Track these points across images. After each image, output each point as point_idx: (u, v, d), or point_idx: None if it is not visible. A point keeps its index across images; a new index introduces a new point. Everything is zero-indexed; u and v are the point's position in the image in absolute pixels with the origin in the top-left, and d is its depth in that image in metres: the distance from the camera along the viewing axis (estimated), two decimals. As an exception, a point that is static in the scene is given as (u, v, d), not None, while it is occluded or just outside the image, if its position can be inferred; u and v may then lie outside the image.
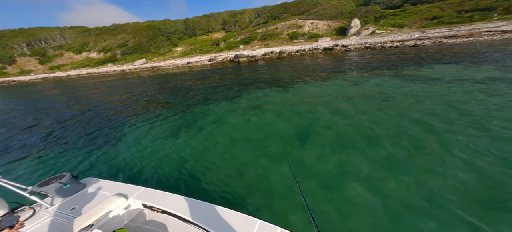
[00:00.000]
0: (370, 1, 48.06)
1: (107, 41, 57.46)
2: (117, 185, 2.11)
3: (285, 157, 3.17)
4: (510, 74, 6.30)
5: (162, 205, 1.70)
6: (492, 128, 3.41)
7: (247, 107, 6.04)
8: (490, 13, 23.17)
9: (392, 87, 6.43)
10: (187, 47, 46.17)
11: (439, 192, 2.29)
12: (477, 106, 4.33)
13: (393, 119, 4.12)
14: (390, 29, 28.03)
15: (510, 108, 4.04)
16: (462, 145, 3.04)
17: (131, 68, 37.39)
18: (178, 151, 3.91)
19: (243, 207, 2.39)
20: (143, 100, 9.39)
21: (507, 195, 2.16)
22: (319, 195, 2.43)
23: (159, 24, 55.64)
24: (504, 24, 18.33)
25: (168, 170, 3.32)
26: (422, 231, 1.92)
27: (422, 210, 2.11)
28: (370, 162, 2.88)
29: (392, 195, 2.31)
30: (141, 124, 5.78)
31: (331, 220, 2.11)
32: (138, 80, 19.18)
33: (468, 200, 2.17)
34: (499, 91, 4.97)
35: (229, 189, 2.72)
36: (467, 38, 16.46)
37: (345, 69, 11.02)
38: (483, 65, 7.99)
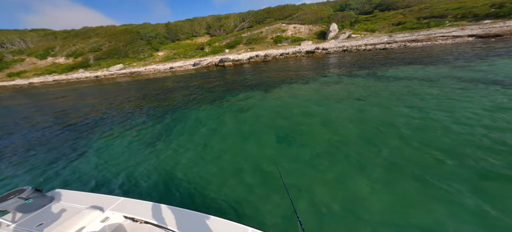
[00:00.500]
0: (345, 7, 52.39)
1: (77, 45, 52.58)
2: (92, 196, 1.94)
3: (273, 160, 3.16)
4: (456, 72, 7.42)
5: (145, 216, 1.60)
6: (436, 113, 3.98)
7: (231, 111, 6.11)
8: (442, 20, 26.94)
9: (366, 86, 7.09)
10: (170, 51, 44.57)
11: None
12: (429, 98, 5.04)
13: (366, 116, 4.55)
14: (363, 33, 30.72)
15: (452, 99, 4.76)
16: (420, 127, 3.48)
17: (106, 74, 34.63)
18: (158, 158, 3.81)
19: (230, 213, 2.33)
20: (119, 107, 8.80)
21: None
22: (305, 197, 2.45)
23: (138, 28, 52.91)
24: (454, 30, 21.47)
25: (148, 179, 3.18)
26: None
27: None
28: (348, 159, 3.11)
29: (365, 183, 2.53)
30: (117, 131, 5.42)
31: (318, 223, 2.10)
32: (114, 87, 17.90)
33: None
34: (447, 86, 5.84)
35: (215, 196, 2.65)
36: (426, 42, 18.87)
37: (326, 71, 11.77)
38: (438, 65, 9.29)
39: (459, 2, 31.76)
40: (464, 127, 3.49)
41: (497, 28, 18.74)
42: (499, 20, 22.41)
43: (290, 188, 2.57)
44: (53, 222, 1.67)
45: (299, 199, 2.42)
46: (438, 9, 30.64)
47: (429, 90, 5.62)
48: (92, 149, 4.36)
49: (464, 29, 21.09)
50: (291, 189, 2.55)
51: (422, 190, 2.33)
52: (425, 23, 27.48)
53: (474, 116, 3.80)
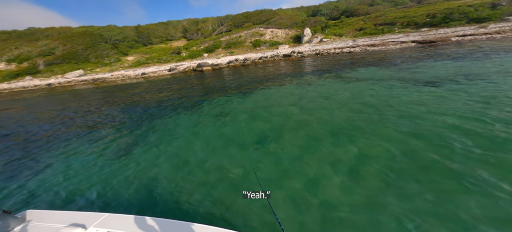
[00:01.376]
0: (317, 12, 57.07)
1: (21, 48, 44.36)
2: (70, 214, 1.81)
3: (251, 165, 3.30)
4: (402, 73, 9.17)
5: (132, 231, 1.54)
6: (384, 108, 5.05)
7: (210, 116, 6.35)
8: (393, 26, 31.88)
9: (332, 88, 8.20)
10: (142, 56, 41.38)
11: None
12: (380, 94, 6.23)
13: (331, 116, 5.35)
14: (333, 37, 34.06)
15: (396, 96, 6.02)
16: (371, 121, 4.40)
17: (61, 82, 30.24)
18: (136, 168, 3.79)
19: (216, 220, 2.38)
20: (83, 118, 8.13)
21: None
22: (282, 197, 2.62)
23: (101, 30, 47.64)
24: (401, 36, 25.69)
25: (127, 191, 3.11)
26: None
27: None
28: (318, 157, 3.48)
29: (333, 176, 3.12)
30: (84, 145, 5.13)
31: (298, 223, 2.24)
32: (73, 96, 16.00)
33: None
34: (395, 85, 7.26)
35: (198, 203, 2.70)
36: (381, 46, 22.14)
37: (300, 74, 12.91)
38: (389, 67, 11.21)
39: (404, 11, 38.06)
40: (403, 118, 4.55)
41: (431, 35, 23.23)
42: (433, 29, 27.76)
43: (269, 189, 2.67)
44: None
45: (277, 200, 2.61)
46: (389, 17, 36.11)
47: (380, 89, 6.92)
48: (57, 166, 4.07)
49: (408, 35, 25.46)
50: (270, 190, 2.91)
51: (385, 180, 2.80)
52: (380, 29, 32.06)
53: (408, 107, 4.93)
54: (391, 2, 56.03)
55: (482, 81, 6.35)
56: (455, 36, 20.42)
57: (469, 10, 29.05)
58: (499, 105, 4.41)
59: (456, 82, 6.62)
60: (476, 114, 4.19)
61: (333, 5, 58.74)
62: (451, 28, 25.82)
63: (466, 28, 23.62)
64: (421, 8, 38.05)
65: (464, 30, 22.42)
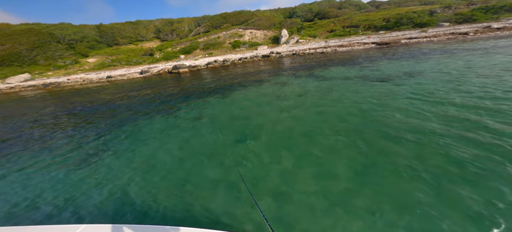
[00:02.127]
0: (293, 14, 60.16)
1: None
2: (44, 229, 1.64)
3: (235, 166, 3.34)
4: (363, 72, 10.69)
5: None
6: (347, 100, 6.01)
7: (187, 118, 6.39)
8: (357, 29, 35.92)
9: (305, 86, 9.10)
10: (106, 58, 37.09)
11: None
12: (345, 91, 7.29)
13: (307, 110, 5.98)
14: (308, 38, 36.50)
15: (359, 91, 7.12)
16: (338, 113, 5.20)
17: (2, 88, 25.13)
18: (105, 176, 3.66)
19: (204, 222, 2.33)
20: (38, 126, 7.31)
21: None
22: (266, 195, 2.70)
23: (51, 28, 40.96)
24: (364, 38, 29.25)
25: (101, 200, 2.99)
26: None
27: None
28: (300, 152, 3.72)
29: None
30: (44, 153, 4.70)
31: (285, 219, 2.31)
32: (18, 104, 13.80)
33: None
34: (357, 82, 8.51)
35: (183, 207, 2.68)
36: (348, 47, 24.85)
37: (278, 73, 13.72)
38: (354, 66, 12.87)
39: (366, 15, 43.21)
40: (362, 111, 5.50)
41: (387, 37, 27.10)
42: (388, 31, 32.37)
43: (253, 187, 2.88)
44: None
45: (262, 197, 2.72)
46: (354, 20, 40.56)
47: (346, 85, 8.05)
48: (14, 179, 3.67)
49: (370, 37, 29.17)
50: (254, 188, 2.86)
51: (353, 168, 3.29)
52: (347, 31, 35.80)
53: (366, 101, 5.95)
54: (356, 6, 62.95)
55: (419, 77, 8.03)
56: (404, 38, 24.32)
57: (414, 16, 34.84)
58: (428, 96, 5.74)
59: (400, 79, 8.20)
60: (410, 103, 5.42)
61: (307, 7, 62.74)
62: (401, 31, 30.57)
63: (412, 32, 28.31)
64: (379, 13, 43.85)
65: (411, 34, 26.87)
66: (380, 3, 65.86)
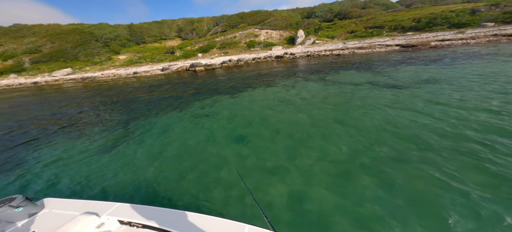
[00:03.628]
0: (311, 15, 59.24)
1: (5, 45, 43.49)
2: (85, 203, 1.93)
3: (235, 168, 3.44)
4: (376, 77, 10.39)
5: (142, 220, 1.61)
6: (361, 107, 6.21)
7: (200, 115, 7.01)
8: (381, 30, 33.97)
9: (314, 88, 9.36)
10: (134, 55, 41.62)
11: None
12: (358, 96, 7.29)
13: (316, 112, 6.15)
14: (325, 39, 35.79)
15: (373, 97, 7.11)
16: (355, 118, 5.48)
17: (48, 80, 30.19)
18: (141, 162, 4.12)
19: (213, 212, 2.49)
20: (75, 115, 8.95)
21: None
22: (266, 190, 2.82)
23: (92, 28, 47.47)
24: (388, 39, 27.62)
25: (134, 184, 3.41)
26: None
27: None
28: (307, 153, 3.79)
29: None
30: (90, 138, 5.96)
31: (283, 216, 2.39)
32: (61, 95, 16.35)
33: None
34: (363, 87, 8.52)
35: (194, 195, 2.91)
36: (368, 49, 23.84)
37: (288, 75, 14.11)
38: (368, 70, 12.58)
39: (393, 15, 40.46)
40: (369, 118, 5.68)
41: (414, 39, 25.21)
42: (417, 33, 29.95)
43: (256, 184, 3.03)
44: (44, 230, 1.67)
45: (264, 195, 2.86)
46: (379, 20, 38.36)
47: (353, 91, 8.07)
48: (63, 159, 4.66)
49: (394, 39, 27.42)
50: (257, 184, 3.00)
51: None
52: (369, 32, 34.09)
53: (376, 108, 6.07)
54: (382, 6, 59.06)
55: (435, 85, 7.52)
56: (435, 40, 22.38)
57: (451, 15, 31.55)
58: (436, 109, 5.36)
59: (415, 86, 7.82)
60: (415, 114, 5.18)
61: (327, 7, 61.13)
62: (433, 32, 28.03)
63: (446, 33, 25.80)
64: (409, 12, 40.65)
65: (444, 35, 24.53)
66: (412, 2, 60.70)
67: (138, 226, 1.70)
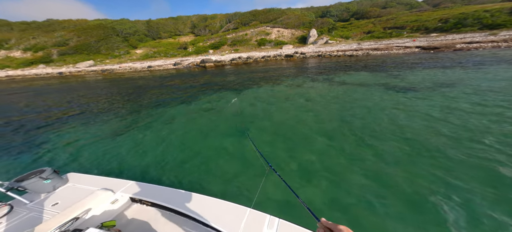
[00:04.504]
0: (326, 14, 57.80)
1: (38, 38, 48.73)
2: (102, 179, 2.11)
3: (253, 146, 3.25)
4: (387, 79, 10.02)
5: (151, 198, 1.72)
6: (367, 109, 6.24)
7: (202, 109, 7.37)
8: (402, 31, 32.21)
9: (319, 89, 9.29)
10: (150, 49, 44.15)
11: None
12: (367, 99, 7.09)
13: (320, 111, 6.23)
14: (338, 39, 34.85)
15: (365, 100, 7.11)
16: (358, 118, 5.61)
17: (72, 71, 33.24)
18: (155, 145, 4.54)
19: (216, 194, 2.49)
20: (94, 103, 9.89)
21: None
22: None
23: (114, 24, 51.13)
24: (408, 41, 26.16)
25: (146, 165, 3.83)
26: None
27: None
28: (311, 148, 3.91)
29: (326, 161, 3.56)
30: (108, 123, 6.71)
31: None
32: (81, 85, 17.96)
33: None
34: (371, 89, 8.32)
35: (195, 177, 3.18)
36: (384, 51, 22.85)
37: (296, 74, 14.15)
38: (379, 72, 12.15)
39: (417, 15, 38.07)
40: (372, 119, 5.70)
41: (438, 41, 23.59)
42: (442, 34, 27.92)
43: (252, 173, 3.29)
44: (67, 201, 1.82)
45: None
46: (400, 20, 36.36)
47: (357, 92, 7.92)
48: (98, 139, 5.34)
49: (415, 40, 25.88)
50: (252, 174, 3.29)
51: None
52: (388, 33, 32.50)
53: (380, 111, 6.04)
54: (406, 5, 55.65)
55: (449, 89, 7.12)
56: (461, 43, 20.78)
57: (485, 15, 28.89)
58: (446, 115, 5.09)
59: (426, 90, 7.38)
60: (419, 120, 4.97)
61: (344, 6, 59.20)
62: (461, 34, 25.94)
63: (475, 35, 23.76)
64: (435, 13, 37.94)
65: (473, 37, 22.63)
66: (440, 1, 56.40)
67: (147, 204, 1.85)
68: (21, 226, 1.62)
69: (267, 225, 1.30)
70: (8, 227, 1.62)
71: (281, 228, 1.28)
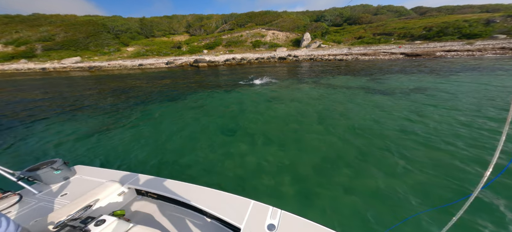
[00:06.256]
0: (321, 18, 60.27)
1: (21, 32, 47.24)
2: (109, 172, 2.21)
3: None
4: (369, 84, 10.99)
5: (156, 190, 1.79)
6: (348, 109, 7.23)
7: (190, 107, 7.92)
8: (390, 37, 34.52)
9: (305, 91, 10.09)
10: (142, 48, 44.07)
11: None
12: (347, 102, 8.07)
13: (302, 112, 7.00)
14: (331, 44, 36.69)
15: (346, 102, 8.15)
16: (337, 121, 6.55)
17: (56, 67, 32.59)
18: (158, 140, 4.90)
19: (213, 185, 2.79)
20: (67, 101, 10.13)
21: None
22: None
23: (105, 20, 50.61)
24: (394, 47, 28.22)
25: (150, 158, 4.15)
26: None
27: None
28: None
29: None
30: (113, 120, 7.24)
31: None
32: (65, 81, 17.91)
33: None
34: (352, 92, 9.39)
35: (195, 171, 3.45)
36: (372, 56, 24.59)
37: (287, 76, 15.17)
38: (364, 76, 13.26)
39: (404, 22, 40.86)
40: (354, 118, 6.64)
41: (421, 48, 25.72)
42: (425, 42, 30.33)
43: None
44: (75, 192, 1.91)
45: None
46: (389, 27, 38.89)
47: (346, 96, 8.69)
48: (104, 134, 5.96)
49: (401, 47, 27.97)
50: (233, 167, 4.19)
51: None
52: (377, 38, 34.73)
53: (349, 110, 7.06)
54: (395, 13, 59.30)
55: (420, 95, 8.02)
56: (441, 51, 22.87)
57: (464, 25, 31.72)
58: (412, 116, 5.98)
59: (399, 94, 8.35)
60: (387, 117, 6.03)
61: (338, 11, 62.03)
62: (442, 42, 28.38)
63: (454, 44, 26.14)
64: (421, 21, 40.92)
65: (451, 46, 24.91)
66: (427, 10, 60.60)
67: (153, 196, 1.95)
68: (30, 215, 1.70)
69: (270, 216, 1.37)
70: (18, 216, 1.68)
71: (284, 218, 1.35)
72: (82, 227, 1.27)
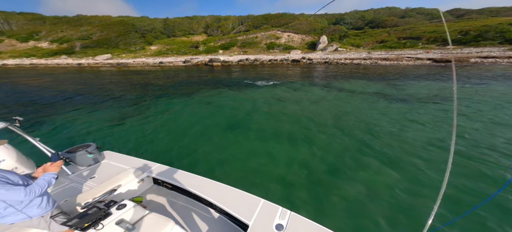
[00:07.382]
0: (340, 21, 58.39)
1: (65, 31, 54.75)
2: (132, 159, 2.38)
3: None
4: (386, 90, 10.26)
5: (172, 181, 1.91)
6: (369, 119, 7.12)
7: (201, 102, 8.59)
8: (417, 41, 32.07)
9: (315, 93, 9.86)
10: (163, 46, 47.72)
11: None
12: (360, 108, 7.30)
13: (314, 113, 6.70)
14: (349, 47, 35.42)
15: (378, 110, 7.04)
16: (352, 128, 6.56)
17: (90, 63, 36.87)
18: (177, 132, 5.29)
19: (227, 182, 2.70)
20: (99, 93, 11.43)
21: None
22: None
23: (134, 21, 56.09)
24: (421, 52, 26.20)
25: (167, 149, 4.47)
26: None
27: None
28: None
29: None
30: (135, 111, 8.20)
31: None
32: (95, 75, 19.91)
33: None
34: (367, 99, 8.81)
35: (208, 165, 3.65)
36: (394, 61, 23.19)
37: (299, 78, 15.18)
38: (380, 82, 12.41)
39: (436, 26, 37.57)
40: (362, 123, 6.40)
41: (452, 54, 23.48)
42: (459, 47, 27.53)
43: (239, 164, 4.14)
44: (103, 176, 2.10)
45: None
46: (417, 31, 36.14)
47: (354, 101, 8.38)
48: (132, 124, 6.45)
49: (429, 52, 25.84)
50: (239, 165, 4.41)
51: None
52: (402, 43, 32.53)
53: (368, 117, 6.75)
54: (427, 15, 54.64)
55: (439, 104, 7.37)
56: (476, 57, 20.63)
57: (509, 29, 28.05)
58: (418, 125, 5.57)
59: (417, 102, 7.65)
60: (396, 124, 5.63)
61: (359, 14, 59.50)
62: (479, 47, 25.48)
63: (493, 49, 23.31)
64: (457, 24, 37.21)
65: (490, 51, 22.27)
66: (465, 12, 54.72)
67: (168, 187, 2.07)
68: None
69: (279, 216, 1.37)
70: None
71: (293, 220, 1.34)
72: (105, 210, 1.41)
